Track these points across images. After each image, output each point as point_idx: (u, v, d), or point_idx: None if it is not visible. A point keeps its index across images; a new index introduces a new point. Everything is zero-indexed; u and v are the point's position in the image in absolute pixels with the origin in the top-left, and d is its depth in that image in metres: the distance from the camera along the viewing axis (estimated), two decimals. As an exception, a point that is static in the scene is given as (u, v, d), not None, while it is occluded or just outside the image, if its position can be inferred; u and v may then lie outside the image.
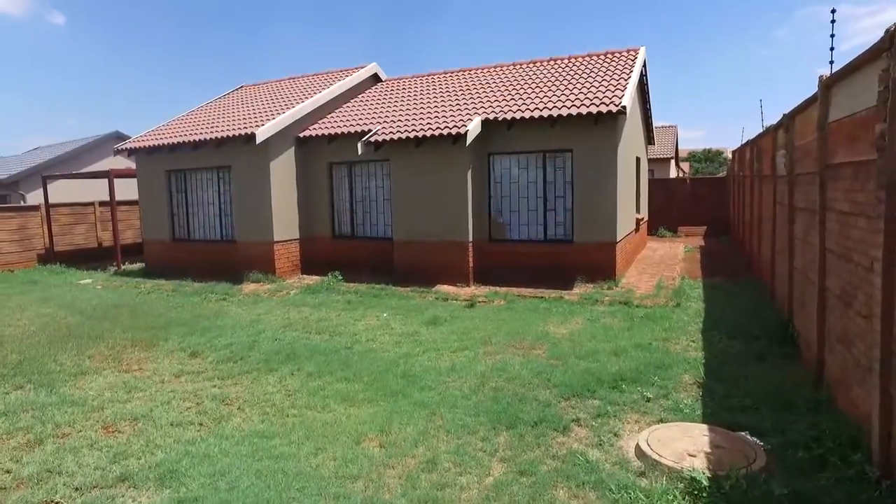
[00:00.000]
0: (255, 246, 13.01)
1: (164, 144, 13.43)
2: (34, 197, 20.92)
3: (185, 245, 14.32)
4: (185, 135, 13.48)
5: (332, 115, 14.01)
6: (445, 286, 11.35)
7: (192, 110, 16.03)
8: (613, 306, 9.45)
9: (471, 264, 11.40)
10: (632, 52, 13.15)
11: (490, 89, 12.96)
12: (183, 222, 14.38)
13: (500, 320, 8.79)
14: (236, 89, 17.25)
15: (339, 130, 12.74)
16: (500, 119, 11.09)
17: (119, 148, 14.44)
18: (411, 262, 11.90)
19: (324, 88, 14.23)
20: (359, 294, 11.14)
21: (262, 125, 12.18)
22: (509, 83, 13.09)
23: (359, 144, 11.79)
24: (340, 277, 12.30)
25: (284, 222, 13.00)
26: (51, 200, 19.08)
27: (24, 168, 21.16)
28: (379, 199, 13.04)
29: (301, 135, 13.17)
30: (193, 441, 4.98)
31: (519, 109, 11.23)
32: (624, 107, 10.17)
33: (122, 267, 16.28)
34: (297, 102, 13.41)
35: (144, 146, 13.80)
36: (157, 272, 14.63)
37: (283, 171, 12.90)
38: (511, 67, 14.36)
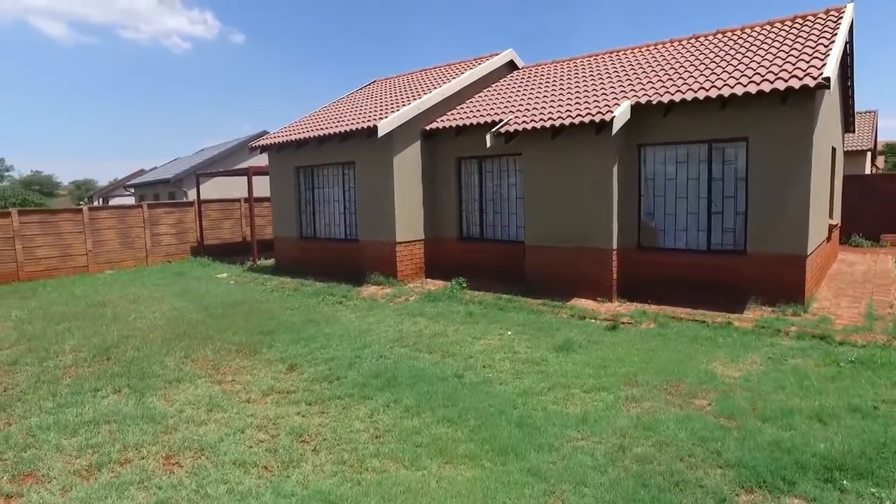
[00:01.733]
0: (378, 246, 12.30)
1: (292, 140, 13.23)
2: (195, 194, 22.44)
3: (312, 243, 14.08)
4: (312, 130, 13.17)
5: (462, 106, 12.90)
6: (583, 300, 9.69)
7: (324, 106, 15.86)
8: (804, 340, 7.20)
9: (614, 276, 9.63)
10: (832, 13, 10.39)
11: (643, 70, 11.00)
12: (310, 220, 14.15)
13: (648, 350, 7.01)
14: (367, 84, 16.86)
15: (467, 122, 11.58)
16: (654, 103, 9.19)
17: (253, 145, 14.60)
18: (544, 270, 10.39)
19: (453, 78, 13.17)
20: (483, 305, 9.87)
21: (385, 118, 11.38)
22: (666, 62, 11.02)
23: (487, 136, 10.51)
24: (465, 284, 11.13)
25: (408, 222, 12.14)
26: (209, 197, 20.31)
27: (187, 168, 22.77)
28: (511, 197, 11.68)
29: (427, 127, 12.22)
30: (247, 496, 4.01)
31: (678, 90, 9.23)
32: (827, 78, 7.78)
33: (257, 262, 16.60)
34: (425, 94, 12.48)
35: (275, 143, 13.74)
36: (284, 269, 14.59)
37: (407, 167, 12.04)
38: (669, 45, 12.21)
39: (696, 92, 8.93)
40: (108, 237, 17.44)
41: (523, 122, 10.33)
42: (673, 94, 9.16)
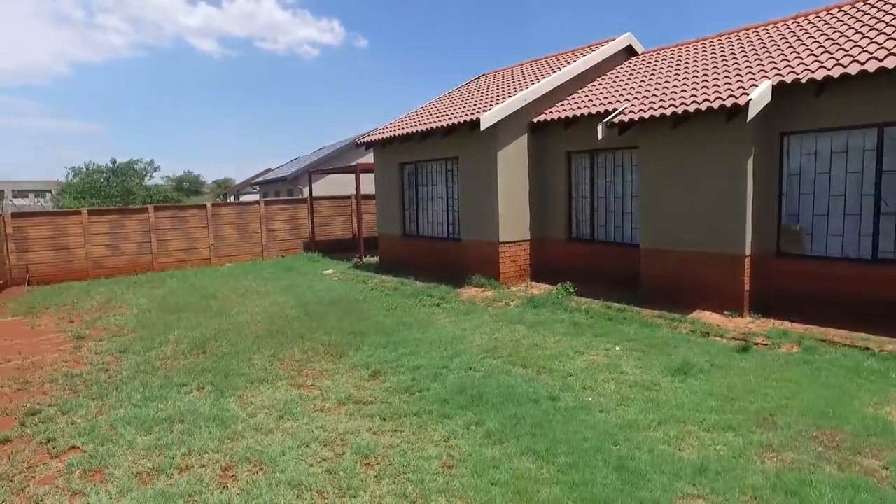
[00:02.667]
0: (480, 246, 11.67)
1: (395, 136, 12.97)
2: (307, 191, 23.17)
3: (414, 241, 13.76)
4: (415, 125, 12.81)
5: (573, 96, 11.89)
6: (707, 314, 8.40)
7: (430, 101, 15.50)
8: None
9: (746, 287, 8.23)
10: None
11: (788, 45, 9.36)
12: (413, 217, 13.84)
13: (790, 382, 5.73)
14: (476, 78, 16.26)
15: (577, 112, 10.59)
16: (803, 81, 7.68)
17: (359, 141, 14.56)
18: (662, 276, 9.18)
19: (564, 67, 12.19)
20: (589, 314, 8.89)
21: (488, 110, 10.71)
22: (820, 32, 9.29)
23: (598, 127, 9.49)
24: (572, 290, 10.18)
25: (513, 221, 11.38)
26: (323, 194, 20.86)
27: (303, 166, 23.61)
28: (626, 195, 10.52)
29: (535, 120, 11.37)
30: (290, 529, 3.53)
31: (837, 63, 7.64)
32: None
33: (364, 259, 16.64)
34: (533, 84, 11.64)
35: (379, 139, 13.58)
36: (387, 267, 14.42)
37: (513, 163, 11.28)
38: (825, 13, 10.33)
39: (863, 64, 7.32)
40: (227, 232, 18.39)
41: (640, 110, 9.18)
42: (830, 69, 7.60)
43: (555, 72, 12.01)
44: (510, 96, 11.19)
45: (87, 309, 11.71)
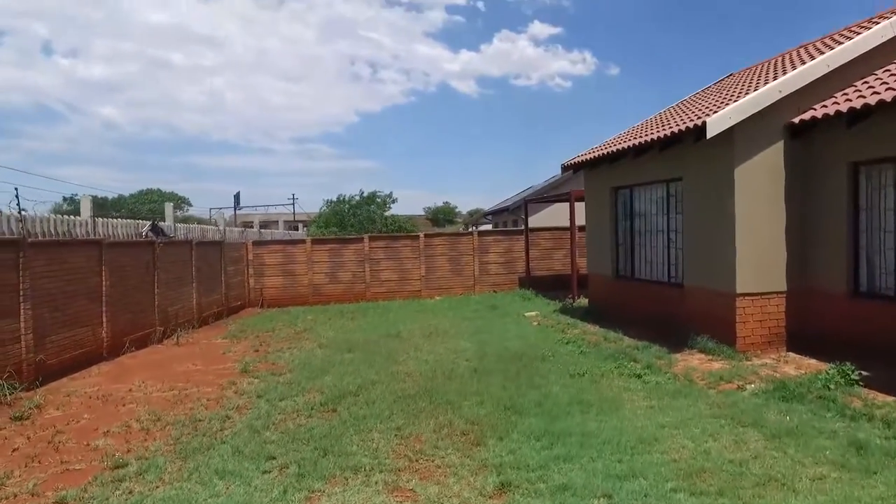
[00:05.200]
0: (708, 296, 8.59)
1: (604, 154, 10.54)
2: (534, 221, 21.60)
3: (628, 284, 11.05)
4: (629, 139, 10.21)
5: (859, 83, 8.04)
6: None
7: (661, 111, 12.52)
8: None
9: None
10: None
11: None
12: (626, 254, 11.14)
13: None
14: (718, 80, 12.69)
15: (872, 100, 6.93)
16: None
17: (566, 164, 12.42)
18: None
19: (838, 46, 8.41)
20: (891, 428, 5.35)
21: (719, 111, 7.73)
22: None
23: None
24: (855, 376, 6.54)
25: (757, 263, 8.09)
26: (545, 224, 19.11)
27: (526, 194, 22.24)
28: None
29: (796, 120, 7.92)
30: None
31: None
32: None
33: (576, 301, 14.33)
34: (791, 71, 8.21)
35: (587, 159, 11.27)
36: (594, 313, 11.90)
37: (759, 182, 8.03)
38: None
39: None
40: (439, 264, 17.80)
41: None
42: None
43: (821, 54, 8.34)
44: (754, 91, 7.98)
45: (281, 338, 11.83)
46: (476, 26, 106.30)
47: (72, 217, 11.45)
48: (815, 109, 7.80)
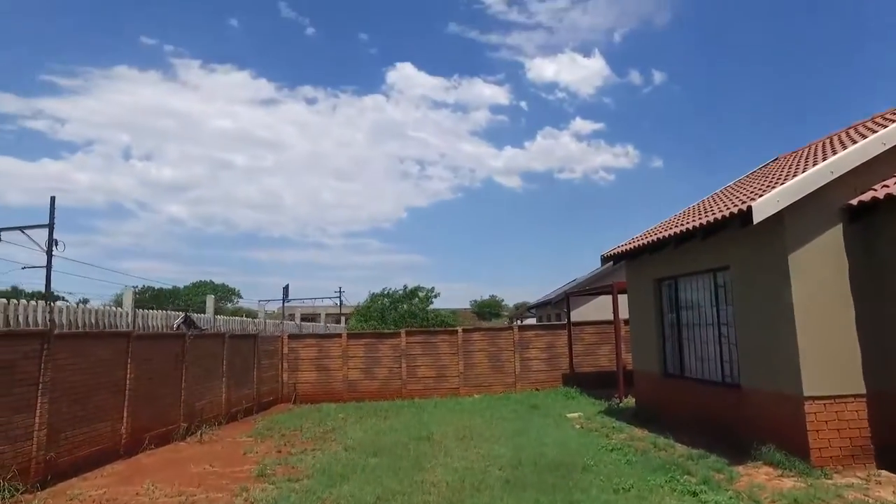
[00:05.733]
0: (770, 400, 7.60)
1: (645, 244, 9.98)
2: (578, 315, 20.74)
3: (677, 383, 10.05)
4: (671, 227, 9.66)
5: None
6: None
7: (705, 198, 11.95)
8: None
9: None
10: None
11: None
12: (674, 350, 10.23)
13: None
14: (767, 163, 12.16)
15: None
16: None
17: (605, 255, 11.86)
18: None
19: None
20: None
21: (765, 194, 7.17)
22: None
23: None
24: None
25: (826, 360, 7.15)
26: (590, 318, 18.27)
27: (569, 287, 21.54)
28: None
29: (854, 201, 7.25)
30: None
31: None
32: None
33: (623, 400, 13.23)
34: (844, 149, 7.65)
35: (627, 249, 10.71)
36: (642, 415, 10.83)
37: (818, 268, 7.26)
38: None
39: None
40: (478, 360, 17.04)
41: None
42: None
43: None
44: (803, 172, 7.43)
45: (307, 438, 11.21)
46: (519, 125, 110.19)
47: (113, 308, 11.54)
48: (875, 190, 7.14)
